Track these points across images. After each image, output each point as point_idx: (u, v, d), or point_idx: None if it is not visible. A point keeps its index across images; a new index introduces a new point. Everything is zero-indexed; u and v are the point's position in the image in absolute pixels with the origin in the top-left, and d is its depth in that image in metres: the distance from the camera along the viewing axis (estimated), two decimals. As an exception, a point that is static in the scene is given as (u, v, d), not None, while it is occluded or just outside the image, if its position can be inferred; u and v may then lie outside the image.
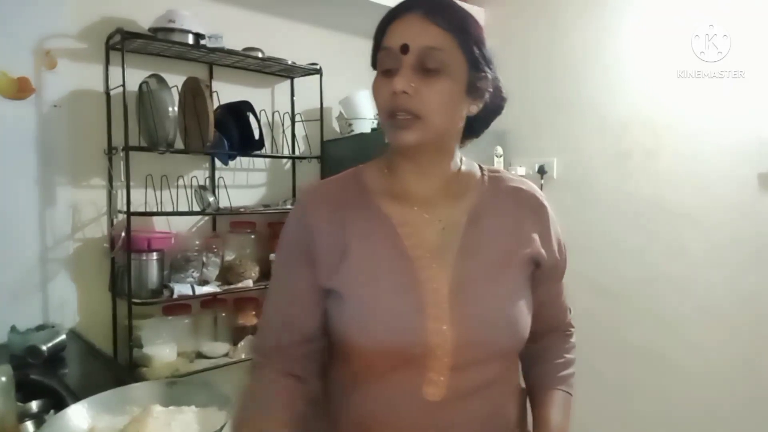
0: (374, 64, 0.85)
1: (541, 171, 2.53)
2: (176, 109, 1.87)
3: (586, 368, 2.40)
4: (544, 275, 0.91)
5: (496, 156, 2.52)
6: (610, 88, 2.35)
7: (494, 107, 0.90)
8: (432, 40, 0.78)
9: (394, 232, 0.84)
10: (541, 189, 2.46)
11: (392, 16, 0.82)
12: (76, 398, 1.12)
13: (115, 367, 1.74)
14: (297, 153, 2.34)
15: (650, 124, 2.23)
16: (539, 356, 0.98)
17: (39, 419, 1.17)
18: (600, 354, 2.39)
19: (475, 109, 0.85)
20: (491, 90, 0.86)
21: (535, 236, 0.89)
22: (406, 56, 0.78)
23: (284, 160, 2.38)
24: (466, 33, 0.80)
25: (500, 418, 0.88)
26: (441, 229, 0.85)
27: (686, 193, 2.14)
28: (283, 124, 2.34)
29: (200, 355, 2.00)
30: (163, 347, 1.87)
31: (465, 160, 0.93)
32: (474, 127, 0.91)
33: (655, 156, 2.22)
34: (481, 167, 0.95)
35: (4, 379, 0.99)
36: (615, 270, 2.34)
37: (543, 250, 0.89)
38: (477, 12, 2.72)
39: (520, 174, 2.57)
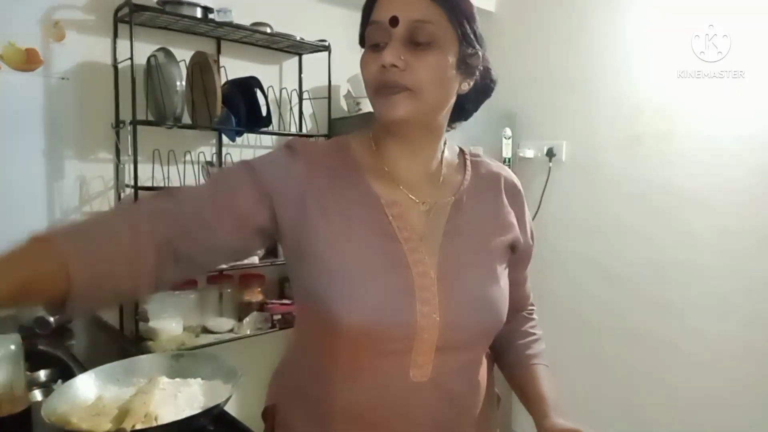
0: (362, 42, 0.83)
1: (550, 154, 2.51)
2: (184, 83, 1.86)
3: (592, 352, 2.43)
4: (516, 259, 0.93)
5: (505, 138, 2.50)
6: (621, 70, 2.32)
7: (484, 88, 0.89)
8: (422, 13, 0.76)
9: (382, 212, 0.82)
10: (549, 172, 2.49)
11: None
12: (83, 369, 1.13)
13: (121, 339, 1.76)
14: (304, 131, 2.33)
15: (663, 107, 2.20)
16: (511, 338, 1.00)
17: (47, 388, 1.18)
18: (606, 338, 2.40)
19: (466, 86, 0.84)
20: (481, 69, 0.85)
21: (514, 221, 0.92)
22: (395, 29, 0.76)
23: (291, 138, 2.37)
24: (456, 7, 0.78)
25: (478, 390, 0.90)
26: (426, 212, 0.85)
27: (697, 178, 2.12)
28: (290, 102, 2.32)
29: (206, 330, 2.02)
30: (169, 321, 1.88)
31: (448, 143, 0.92)
32: (464, 109, 0.90)
33: (667, 140, 2.20)
34: (462, 150, 0.95)
35: (13, 347, 1.00)
36: (622, 254, 2.34)
37: (520, 235, 0.92)
38: (489, -9, 2.68)
39: (528, 156, 2.58)
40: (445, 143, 0.91)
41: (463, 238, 0.85)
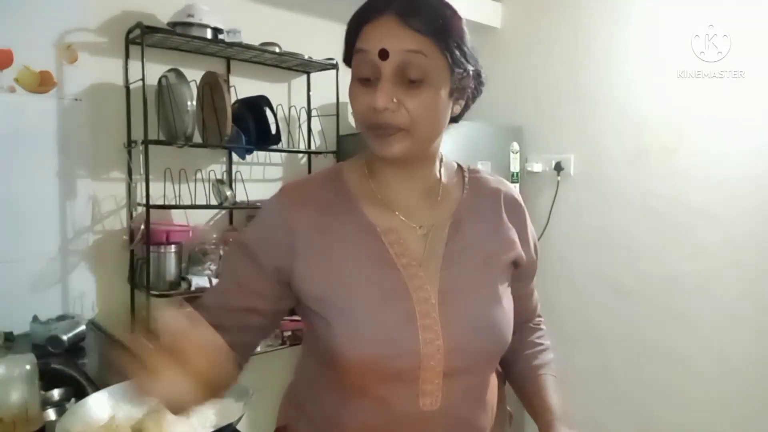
0: (347, 61, 0.80)
1: (558, 168, 2.51)
2: (194, 103, 1.89)
3: (603, 366, 2.41)
4: (520, 274, 0.92)
5: (512, 152, 2.51)
6: (626, 82, 2.32)
7: (476, 95, 0.86)
8: (412, 48, 0.72)
9: (379, 240, 0.81)
10: (558, 186, 2.49)
11: (364, 18, 0.76)
12: (96, 387, 1.14)
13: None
14: (313, 148, 2.35)
15: (671, 121, 2.20)
16: (518, 348, 0.98)
17: (60, 407, 1.19)
18: (618, 353, 2.38)
19: (458, 108, 0.83)
20: (473, 86, 0.83)
21: (515, 238, 0.90)
22: (384, 63, 0.73)
23: (300, 155, 2.39)
24: (446, 34, 0.75)
25: (486, 412, 0.89)
26: (424, 235, 0.83)
27: (706, 191, 2.11)
28: (299, 119, 2.34)
29: (217, 348, 2.02)
30: (180, 339, 1.89)
31: (445, 160, 0.90)
32: (458, 116, 0.86)
33: (675, 153, 2.19)
34: (461, 167, 0.93)
35: (28, 367, 1.01)
36: (633, 268, 2.32)
37: (522, 251, 0.90)
38: (494, 8, 2.71)
39: (536, 171, 2.58)
40: (441, 161, 0.89)
41: (463, 260, 0.83)
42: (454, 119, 0.85)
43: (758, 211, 1.99)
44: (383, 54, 0.72)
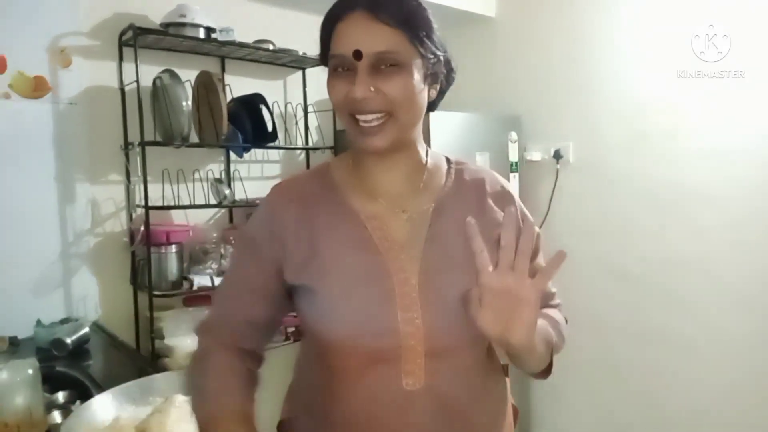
0: (323, 61, 0.83)
1: (557, 156, 2.51)
2: (190, 103, 1.89)
3: (608, 351, 2.41)
4: None
5: (511, 141, 2.50)
6: (622, 69, 2.31)
7: (449, 82, 0.89)
8: (383, 44, 0.76)
9: (362, 226, 0.84)
10: (557, 174, 2.48)
11: (335, 16, 0.80)
12: (101, 389, 1.14)
13: (137, 358, 1.78)
14: (310, 144, 2.35)
15: (667, 105, 2.19)
16: None
17: (65, 410, 1.20)
18: (620, 337, 2.38)
19: (434, 93, 0.86)
20: (445, 72, 0.86)
21: (500, 218, 0.86)
22: (360, 62, 0.76)
23: (298, 151, 2.39)
24: (414, 24, 0.78)
25: (479, 398, 0.88)
26: (407, 220, 0.86)
27: (704, 173, 2.11)
28: (296, 116, 2.34)
29: (220, 346, 2.02)
30: (184, 338, 1.89)
31: (431, 152, 0.92)
32: (433, 103, 0.89)
33: (673, 137, 2.18)
34: (448, 159, 0.95)
35: (30, 371, 1.01)
36: (634, 252, 2.32)
37: None
38: (488, -3, 2.69)
39: (535, 159, 2.58)
40: (427, 153, 0.91)
41: (446, 243, 0.85)
42: (431, 107, 0.88)
43: (758, 190, 1.99)
44: (357, 55, 0.76)
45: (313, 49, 2.20)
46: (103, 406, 1.00)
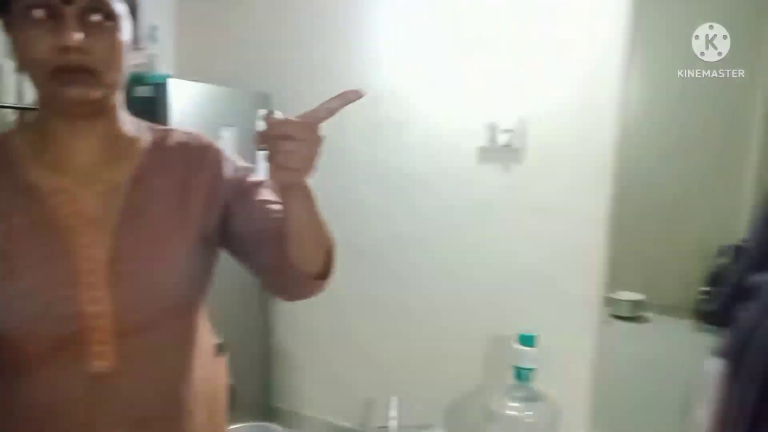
0: (2, 7, 0.72)
1: (301, 137, 2.58)
2: None
3: (341, 322, 2.63)
4: (240, 201, 0.88)
5: (259, 119, 2.49)
6: (363, 59, 2.49)
7: (143, 50, 0.87)
8: None
9: (41, 202, 0.77)
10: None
11: None
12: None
13: None
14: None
15: (398, 97, 2.43)
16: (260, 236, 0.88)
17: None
18: (354, 308, 2.62)
19: (138, 60, 0.83)
20: (142, 39, 0.84)
21: (205, 183, 0.87)
22: (68, 7, 0.70)
23: None
24: None
25: (180, 373, 0.86)
26: (99, 194, 0.80)
27: (423, 162, 2.42)
28: None
29: None
30: None
31: (132, 119, 0.87)
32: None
33: (402, 128, 2.44)
34: (151, 128, 0.90)
35: None
36: (366, 232, 2.56)
37: (217, 190, 0.87)
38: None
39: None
40: (127, 120, 0.86)
41: (145, 216, 0.81)
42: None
43: (462, 179, 2.34)
44: None
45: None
46: None
